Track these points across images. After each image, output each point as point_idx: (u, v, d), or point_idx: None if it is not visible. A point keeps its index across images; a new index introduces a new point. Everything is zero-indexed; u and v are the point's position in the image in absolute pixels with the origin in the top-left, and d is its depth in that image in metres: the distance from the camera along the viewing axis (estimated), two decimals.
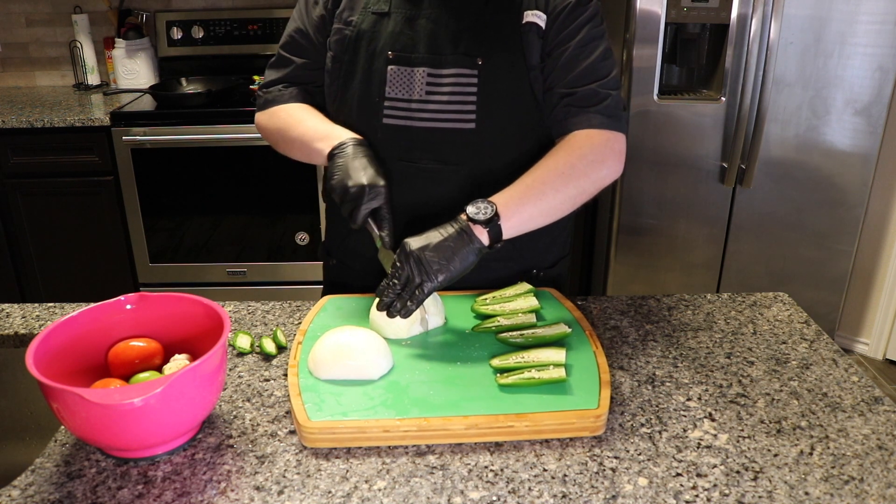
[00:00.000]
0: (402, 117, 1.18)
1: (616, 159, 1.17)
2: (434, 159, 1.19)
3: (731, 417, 0.96)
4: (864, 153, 2.43)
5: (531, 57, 1.17)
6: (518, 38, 1.16)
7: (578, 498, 0.82)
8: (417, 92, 1.17)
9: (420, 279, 1.01)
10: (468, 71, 1.16)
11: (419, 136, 1.18)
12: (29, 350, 0.86)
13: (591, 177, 1.14)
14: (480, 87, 1.16)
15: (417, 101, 1.17)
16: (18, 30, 3.15)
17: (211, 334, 0.93)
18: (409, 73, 1.17)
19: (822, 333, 1.17)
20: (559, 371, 0.96)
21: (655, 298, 1.29)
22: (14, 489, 0.84)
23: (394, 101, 1.18)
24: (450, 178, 1.19)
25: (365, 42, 1.19)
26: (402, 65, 1.17)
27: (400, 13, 1.18)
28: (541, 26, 1.16)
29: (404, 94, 1.17)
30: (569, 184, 1.12)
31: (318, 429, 0.89)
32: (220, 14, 3.06)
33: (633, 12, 2.33)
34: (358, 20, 1.20)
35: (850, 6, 2.27)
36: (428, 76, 1.16)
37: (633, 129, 2.45)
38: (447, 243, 1.02)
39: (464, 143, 1.18)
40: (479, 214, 1.04)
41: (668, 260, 2.62)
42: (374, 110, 1.19)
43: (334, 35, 1.22)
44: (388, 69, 1.17)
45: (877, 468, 0.87)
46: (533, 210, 1.09)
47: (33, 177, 2.70)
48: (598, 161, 1.14)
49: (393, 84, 1.17)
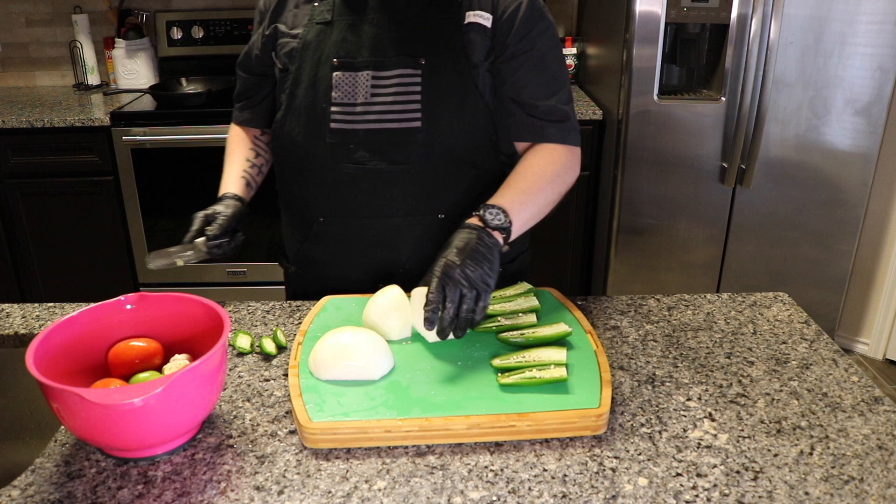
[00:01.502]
0: (348, 121, 1.20)
1: (577, 171, 1.27)
2: (382, 160, 1.21)
3: (731, 417, 0.96)
4: (864, 153, 2.43)
5: (474, 55, 1.19)
6: (460, 37, 1.19)
7: (578, 498, 0.82)
8: (362, 95, 1.19)
9: (476, 291, 1.02)
10: (411, 71, 1.18)
11: (366, 138, 1.20)
12: (29, 350, 0.86)
13: (567, 183, 1.24)
14: (424, 87, 1.18)
15: (362, 105, 1.19)
16: (18, 30, 3.15)
17: (211, 334, 0.93)
18: (354, 77, 1.19)
19: (822, 333, 1.17)
20: (560, 370, 0.96)
21: (655, 298, 1.29)
22: (14, 489, 0.84)
23: (340, 106, 1.20)
24: (399, 178, 1.21)
25: (310, 51, 1.22)
26: (346, 70, 1.19)
27: (343, 21, 1.21)
28: (485, 26, 1.19)
29: (350, 98, 1.20)
30: (554, 189, 1.21)
31: (319, 429, 0.89)
32: (220, 14, 3.06)
33: (633, 12, 2.33)
34: (304, 32, 1.23)
35: (850, 6, 2.27)
36: (372, 79, 1.19)
37: (633, 129, 2.45)
38: (480, 250, 1.05)
39: (411, 143, 1.20)
40: (495, 220, 1.09)
41: (668, 260, 2.62)
42: (321, 116, 1.21)
43: (282, 48, 1.25)
44: (334, 75, 1.20)
45: (877, 468, 0.87)
46: (528, 214, 1.16)
47: (33, 177, 2.70)
48: (572, 171, 1.25)
49: (339, 89, 1.20)
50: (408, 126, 1.19)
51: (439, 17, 1.19)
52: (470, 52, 1.19)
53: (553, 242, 2.82)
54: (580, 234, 2.83)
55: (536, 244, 1.33)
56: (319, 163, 1.23)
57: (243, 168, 1.35)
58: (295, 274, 1.39)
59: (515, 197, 1.14)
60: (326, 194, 1.25)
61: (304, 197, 1.29)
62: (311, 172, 1.24)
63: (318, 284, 1.33)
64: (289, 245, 1.40)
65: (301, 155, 1.24)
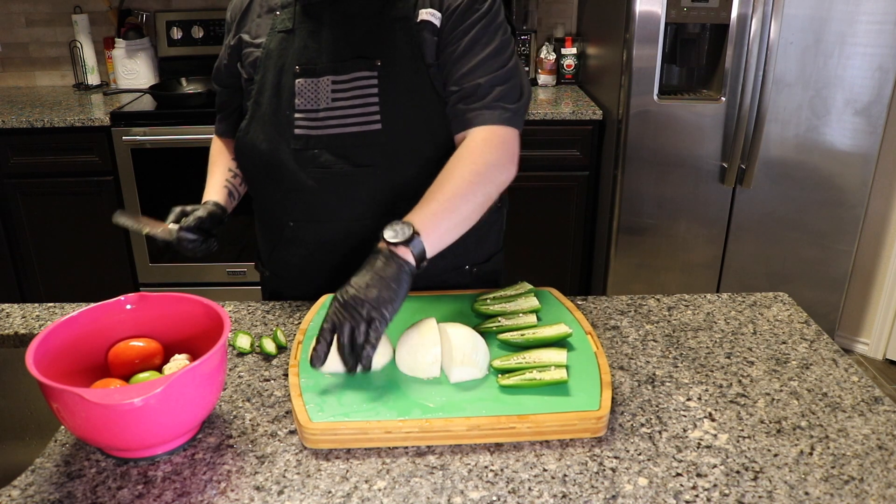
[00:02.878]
0: (311, 127, 1.21)
1: (511, 161, 1.17)
2: (346, 163, 1.21)
3: (731, 417, 0.96)
4: (864, 153, 2.43)
5: (427, 54, 1.19)
6: (413, 36, 1.19)
7: (578, 498, 0.82)
8: (324, 101, 1.20)
9: (368, 318, 0.94)
10: (367, 73, 1.18)
11: (329, 143, 1.20)
12: (29, 350, 0.86)
13: (496, 182, 1.15)
14: (381, 88, 1.18)
15: (324, 110, 1.20)
16: (18, 30, 3.15)
17: (211, 334, 0.93)
18: (315, 83, 1.20)
19: (822, 333, 1.17)
20: (560, 372, 0.96)
21: (655, 298, 1.29)
22: (14, 489, 0.84)
23: (303, 113, 1.21)
24: (364, 180, 1.21)
25: (273, 60, 1.23)
26: (308, 77, 1.20)
27: (304, 28, 1.22)
28: (435, 24, 1.19)
29: (312, 104, 1.20)
30: (477, 192, 1.11)
31: (319, 430, 0.89)
32: (220, 14, 3.06)
33: (633, 12, 2.33)
34: (266, 41, 1.24)
35: (850, 6, 2.27)
36: (332, 83, 1.19)
37: (633, 129, 2.45)
38: (380, 276, 0.97)
39: (372, 144, 1.20)
40: (397, 237, 1.00)
41: (668, 260, 2.62)
42: (285, 123, 1.22)
43: (246, 58, 1.26)
44: (296, 82, 1.20)
45: (877, 468, 0.87)
46: (449, 223, 1.08)
47: (33, 177, 2.70)
48: (500, 165, 1.15)
49: (302, 96, 1.20)
50: (368, 129, 1.19)
51: (392, 17, 1.20)
52: (424, 52, 1.19)
53: (553, 242, 2.82)
54: (580, 234, 2.83)
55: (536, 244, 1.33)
56: (285, 169, 1.23)
57: (225, 178, 1.37)
58: (270, 278, 1.40)
59: (429, 210, 1.07)
60: (294, 199, 1.25)
61: (272, 203, 1.29)
62: (278, 178, 1.25)
63: (293, 288, 1.34)
64: (262, 249, 1.41)
65: (267, 161, 1.25)
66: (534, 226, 2.76)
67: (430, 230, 1.04)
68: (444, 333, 1.00)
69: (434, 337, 1.00)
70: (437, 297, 1.21)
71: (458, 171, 1.12)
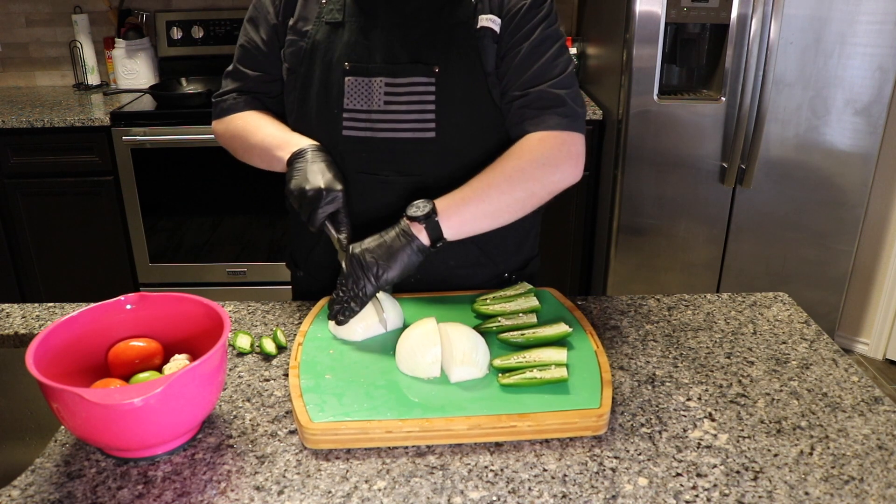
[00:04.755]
0: (361, 128, 1.16)
1: (573, 163, 1.14)
2: (395, 170, 1.17)
3: (731, 417, 0.96)
4: (864, 153, 2.43)
5: (487, 62, 1.16)
6: (473, 43, 1.15)
7: (578, 498, 0.82)
8: (376, 102, 1.15)
9: (362, 280, 1.03)
10: (425, 79, 1.14)
11: (380, 147, 1.17)
12: (29, 350, 0.86)
13: (543, 181, 1.12)
14: (438, 96, 1.14)
15: (377, 112, 1.15)
16: (18, 30, 3.15)
17: (211, 334, 0.93)
18: (367, 83, 1.15)
19: (822, 333, 1.17)
20: (561, 371, 0.96)
21: (655, 298, 1.29)
22: (14, 489, 0.84)
23: (353, 113, 1.16)
24: (410, 188, 1.18)
25: (320, 53, 1.17)
26: (358, 75, 1.15)
27: (354, 22, 1.16)
28: (495, 31, 1.15)
29: (363, 104, 1.16)
30: (516, 187, 1.10)
31: (320, 430, 0.89)
32: (220, 14, 3.06)
33: (633, 12, 2.33)
34: (312, 31, 1.17)
35: (850, 6, 2.27)
36: (386, 86, 1.15)
37: (633, 129, 2.45)
38: (386, 243, 1.04)
39: (424, 153, 1.16)
40: (416, 211, 1.05)
41: (668, 260, 2.62)
42: (332, 122, 1.17)
43: (289, 47, 1.20)
44: (346, 80, 1.15)
45: (877, 468, 0.87)
46: (476, 211, 1.08)
47: (33, 177, 2.70)
48: (551, 164, 1.12)
49: (351, 95, 1.16)
50: (421, 136, 1.16)
51: (452, 23, 1.15)
52: (483, 59, 1.15)
53: (553, 242, 2.82)
54: (580, 234, 2.83)
55: None
56: None
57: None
58: (304, 279, 1.36)
59: (458, 194, 1.08)
60: None
61: None
62: None
63: (328, 291, 1.26)
64: (298, 250, 1.36)
65: None
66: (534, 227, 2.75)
67: (453, 214, 1.06)
68: (444, 333, 1.00)
69: (434, 337, 1.00)
70: (437, 297, 1.21)
71: (500, 164, 1.11)
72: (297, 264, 1.37)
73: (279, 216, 2.74)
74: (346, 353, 1.04)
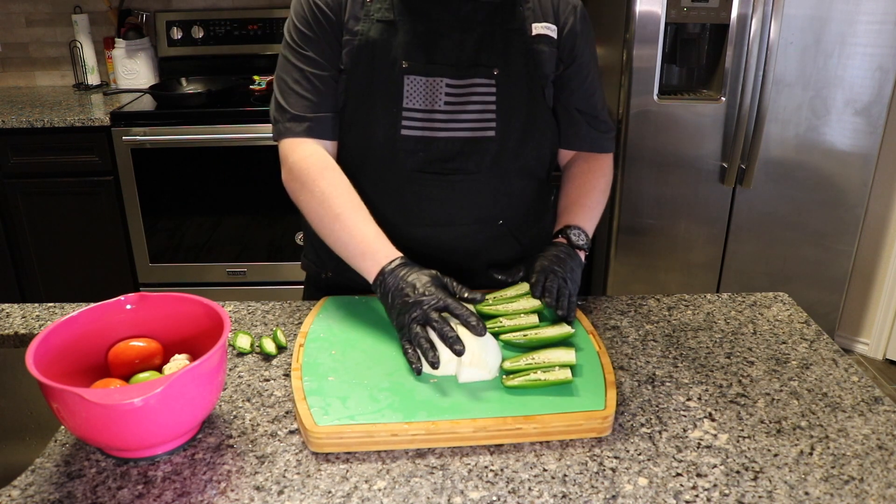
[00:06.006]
0: (421, 128, 1.17)
1: None
2: (454, 169, 1.18)
3: (731, 417, 0.96)
4: (864, 153, 2.43)
5: (545, 67, 1.20)
6: (529, 49, 1.18)
7: (578, 498, 0.82)
8: (438, 102, 1.16)
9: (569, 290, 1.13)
10: (486, 81, 1.17)
11: (440, 147, 1.17)
12: (29, 350, 0.86)
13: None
14: (498, 97, 1.17)
15: (440, 112, 1.16)
16: (18, 30, 3.15)
17: (211, 334, 0.93)
18: (428, 83, 1.16)
19: (822, 333, 1.17)
20: (565, 372, 0.96)
21: (655, 298, 1.29)
22: (14, 489, 0.84)
23: (412, 112, 1.16)
24: (467, 187, 1.20)
25: (376, 52, 1.15)
26: (418, 74, 1.15)
27: (407, 22, 1.15)
28: (552, 37, 1.20)
29: (423, 104, 1.16)
30: (605, 203, 1.32)
31: (325, 433, 0.88)
32: (220, 14, 3.06)
33: (633, 12, 2.33)
34: (364, 28, 1.16)
35: (850, 6, 2.27)
36: (447, 86, 1.16)
37: (633, 129, 2.45)
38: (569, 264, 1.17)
39: (483, 152, 1.19)
40: (579, 241, 1.21)
41: (668, 260, 2.62)
42: (391, 121, 1.16)
43: (344, 46, 1.17)
44: (405, 79, 1.15)
45: (877, 468, 0.87)
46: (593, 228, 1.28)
47: (33, 177, 2.70)
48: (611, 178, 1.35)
49: (410, 95, 1.16)
50: (481, 135, 1.18)
51: (507, 27, 1.18)
52: (540, 65, 1.19)
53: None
54: None
55: None
56: (384, 169, 1.18)
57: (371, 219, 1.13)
58: (329, 279, 1.32)
59: (587, 215, 1.25)
60: (388, 202, 1.19)
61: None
62: (371, 178, 1.19)
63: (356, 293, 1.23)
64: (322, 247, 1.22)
65: (364, 160, 1.19)
66: None
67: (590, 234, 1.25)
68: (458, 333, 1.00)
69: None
70: None
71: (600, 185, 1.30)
72: (322, 264, 1.32)
73: (279, 216, 2.74)
74: (348, 355, 1.04)
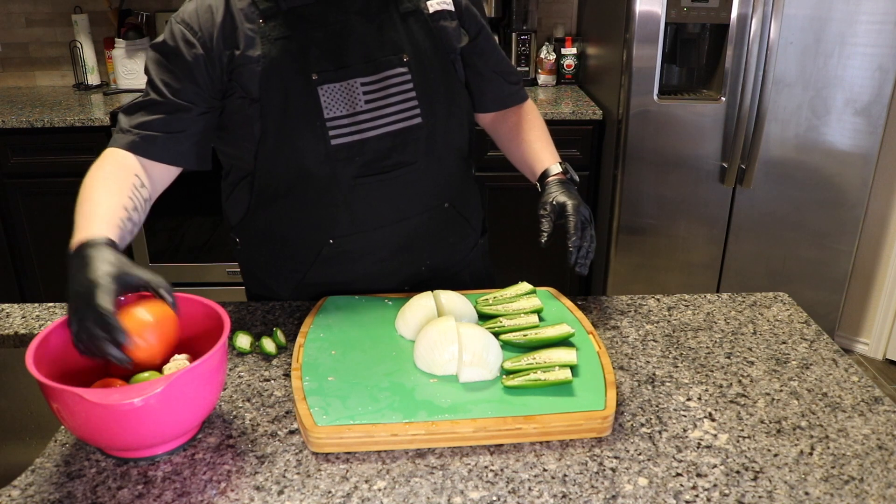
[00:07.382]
0: (349, 133, 1.14)
1: None
2: (393, 164, 1.18)
3: (731, 417, 0.96)
4: (864, 153, 2.43)
5: (452, 42, 1.22)
6: (430, 27, 1.20)
7: (578, 498, 0.82)
8: (358, 104, 1.14)
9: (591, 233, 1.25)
10: (400, 70, 1.16)
11: (373, 146, 1.16)
12: (29, 350, 0.86)
13: None
14: (415, 82, 1.18)
15: (363, 112, 1.14)
16: (18, 30, 3.15)
17: (211, 334, 0.93)
18: (343, 87, 1.13)
19: (822, 333, 1.17)
20: (565, 372, 0.96)
21: (655, 298, 1.29)
22: (14, 489, 0.84)
23: (336, 121, 1.13)
24: (412, 178, 1.20)
25: (284, 71, 1.11)
26: (331, 82, 1.12)
27: (305, 33, 1.12)
28: (450, 10, 1.23)
29: (345, 110, 1.13)
30: None
31: (325, 434, 0.88)
32: None
33: (633, 12, 2.33)
34: (265, 51, 1.11)
35: (850, 6, 2.27)
36: (362, 85, 1.14)
37: (633, 129, 2.45)
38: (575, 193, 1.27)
39: (415, 140, 1.19)
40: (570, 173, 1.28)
41: (668, 260, 2.62)
42: (318, 136, 1.13)
43: (243, 76, 1.11)
44: (319, 90, 1.12)
45: (877, 468, 0.87)
46: None
47: (33, 177, 2.70)
48: None
49: (329, 104, 1.13)
50: (409, 124, 1.17)
51: (403, 11, 1.18)
52: (446, 40, 1.21)
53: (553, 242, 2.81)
54: None
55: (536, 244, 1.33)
56: (323, 184, 1.16)
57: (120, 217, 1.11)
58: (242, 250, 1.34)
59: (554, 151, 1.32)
60: (336, 214, 1.18)
61: (306, 224, 1.21)
62: (313, 198, 1.18)
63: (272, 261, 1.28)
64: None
65: (301, 182, 1.17)
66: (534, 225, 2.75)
67: None
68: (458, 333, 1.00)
69: (452, 335, 1.00)
70: None
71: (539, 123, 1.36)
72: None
73: None
74: (348, 354, 1.04)
